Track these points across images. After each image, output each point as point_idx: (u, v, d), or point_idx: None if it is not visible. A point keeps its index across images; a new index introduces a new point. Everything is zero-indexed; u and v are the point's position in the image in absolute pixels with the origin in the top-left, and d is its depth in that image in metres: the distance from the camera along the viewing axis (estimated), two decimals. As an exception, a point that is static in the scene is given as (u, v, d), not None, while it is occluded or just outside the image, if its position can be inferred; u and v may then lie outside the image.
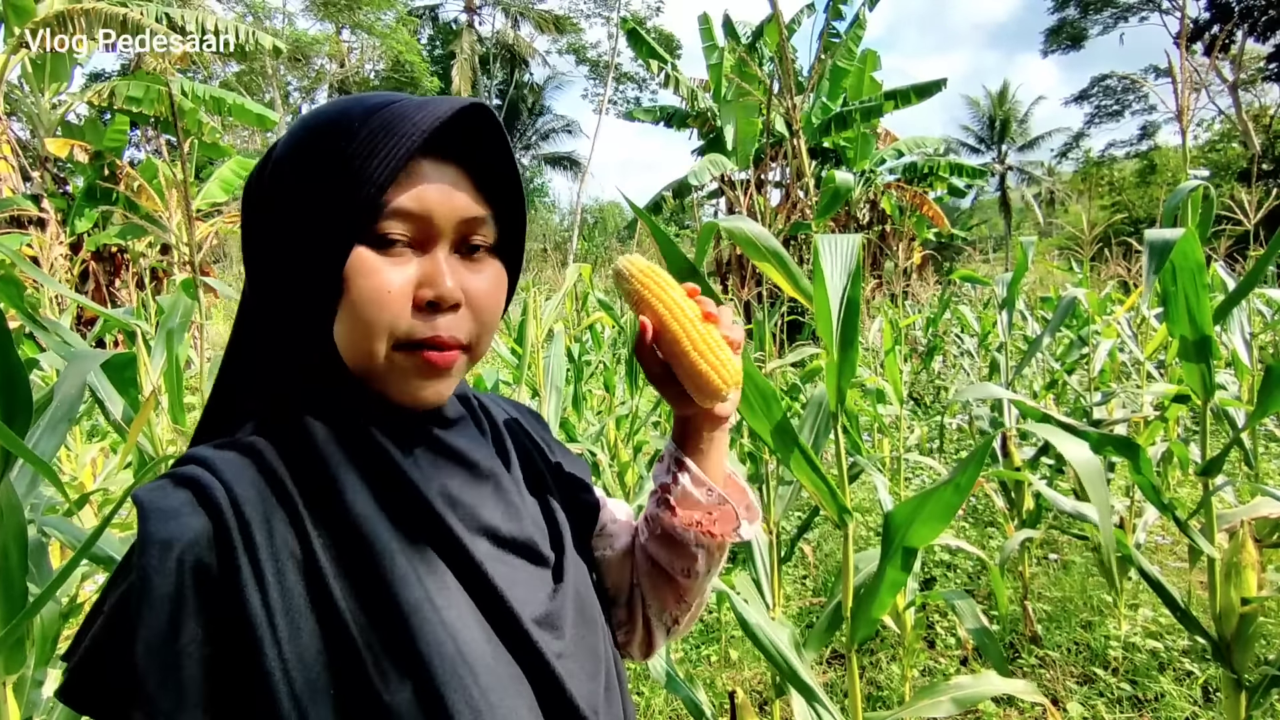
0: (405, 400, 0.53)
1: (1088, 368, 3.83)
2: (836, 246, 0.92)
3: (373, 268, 0.50)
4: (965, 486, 0.89)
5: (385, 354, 0.51)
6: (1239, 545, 1.54)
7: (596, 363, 4.16)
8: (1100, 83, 29.90)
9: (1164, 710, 2.22)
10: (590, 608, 0.63)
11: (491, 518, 0.57)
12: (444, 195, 0.52)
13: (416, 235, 0.51)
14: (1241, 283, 1.47)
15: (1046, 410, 1.51)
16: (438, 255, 0.52)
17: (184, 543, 0.44)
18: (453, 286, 0.52)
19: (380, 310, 0.50)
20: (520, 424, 0.71)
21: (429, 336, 0.51)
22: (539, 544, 0.60)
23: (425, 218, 0.51)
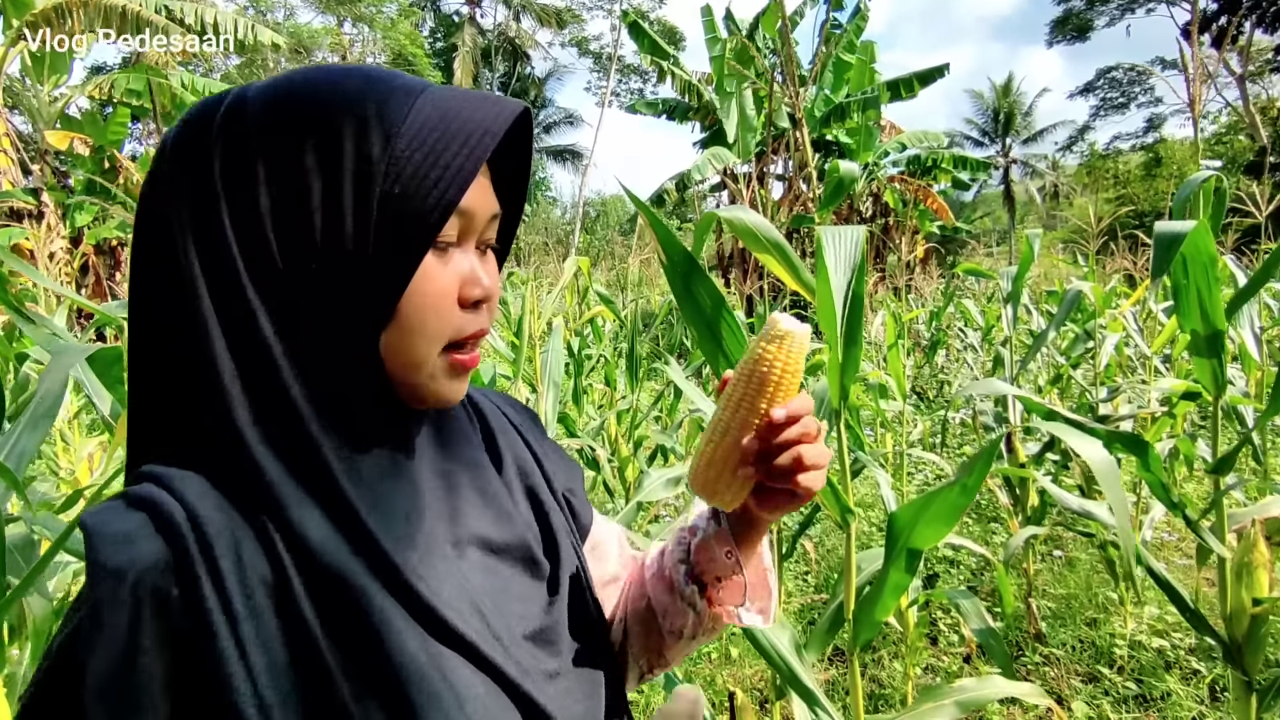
0: (436, 401, 0.51)
1: (1093, 362, 3.79)
2: (840, 239, 0.89)
3: (434, 273, 0.48)
4: (972, 488, 0.86)
5: (434, 358, 0.49)
6: (1250, 544, 1.51)
7: (597, 357, 4.13)
8: (1106, 75, 29.71)
9: (1170, 710, 2.19)
10: (589, 620, 0.60)
11: (480, 524, 0.54)
12: (484, 194, 0.52)
13: (459, 234, 0.50)
14: (1255, 276, 1.43)
15: (1052, 406, 1.48)
16: (471, 252, 0.51)
17: (139, 570, 0.40)
18: (491, 284, 0.52)
19: (439, 315, 0.48)
20: (513, 422, 0.68)
21: (474, 333, 0.51)
22: (534, 551, 0.57)
23: (470, 216, 0.50)
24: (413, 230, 0.45)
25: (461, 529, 0.52)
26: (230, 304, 0.45)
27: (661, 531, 1.83)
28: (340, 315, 0.46)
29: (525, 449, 0.65)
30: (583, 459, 3.51)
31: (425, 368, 0.49)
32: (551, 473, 0.66)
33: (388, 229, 0.45)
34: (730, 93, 12.26)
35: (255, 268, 0.45)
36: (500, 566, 0.54)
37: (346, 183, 0.45)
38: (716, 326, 1.05)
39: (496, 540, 0.54)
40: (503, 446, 0.62)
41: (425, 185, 0.45)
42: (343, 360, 0.47)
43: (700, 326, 1.06)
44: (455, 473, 0.55)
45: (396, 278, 0.46)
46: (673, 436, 3.10)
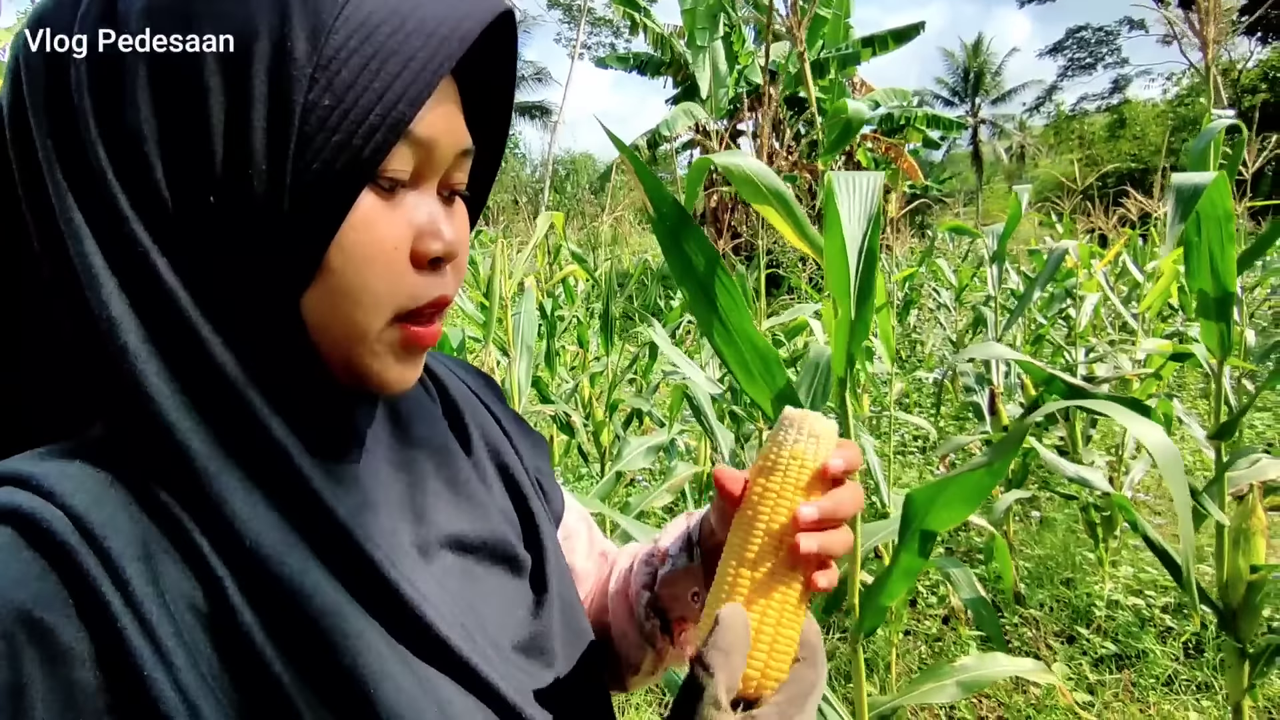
0: (380, 385, 0.40)
1: (1068, 323, 3.78)
2: (854, 186, 0.78)
3: (377, 219, 0.36)
4: (1000, 469, 0.77)
5: (381, 329, 0.38)
6: (1248, 510, 1.47)
7: (570, 318, 4.00)
8: (1075, 34, 29.72)
9: (1147, 668, 2.20)
10: (579, 618, 0.51)
11: (452, 521, 0.45)
12: (450, 120, 0.40)
13: (415, 170, 0.38)
14: (1265, 234, 1.36)
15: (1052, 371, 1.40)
16: (432, 196, 0.40)
17: (13, 609, 0.29)
18: (456, 238, 0.40)
19: (385, 275, 0.37)
20: (474, 391, 0.57)
21: (432, 301, 0.39)
22: (514, 546, 0.48)
23: (430, 148, 0.38)
24: (346, 158, 0.34)
25: (429, 529, 0.43)
26: (117, 247, 0.34)
27: (643, 501, 1.75)
28: (249, 269, 0.35)
29: (493, 423, 0.56)
30: (557, 424, 3.40)
31: (366, 342, 0.38)
32: (521, 452, 0.56)
33: (311, 155, 0.34)
34: (702, 46, 11.93)
35: (141, 203, 0.34)
36: (477, 568, 0.45)
37: (257, 90, 0.33)
38: (710, 286, 0.94)
39: (471, 537, 0.45)
40: (469, 422, 0.52)
41: (366, 98, 0.34)
42: (259, 326, 0.36)
43: (692, 286, 0.95)
44: (418, 461, 0.46)
45: (321, 222, 0.34)
46: (649, 400, 3.01)
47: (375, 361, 0.39)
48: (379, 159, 0.35)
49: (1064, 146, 30.18)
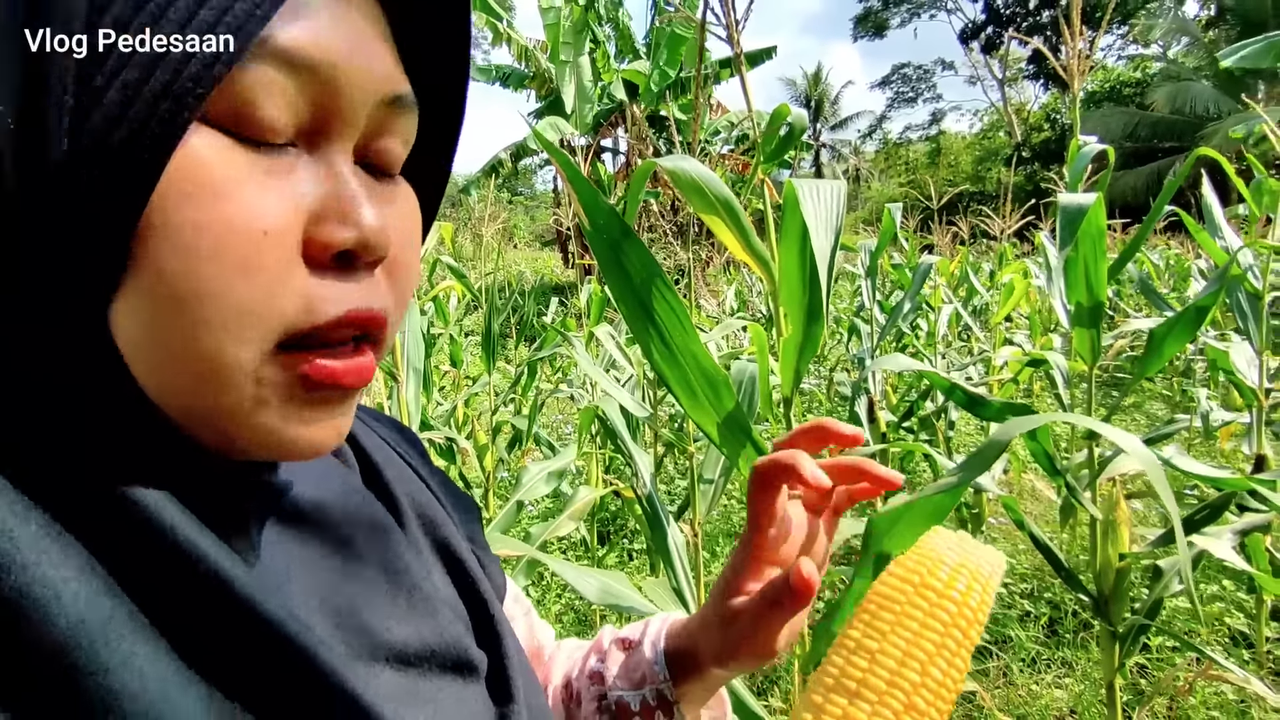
0: (280, 452, 0.27)
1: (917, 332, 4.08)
2: (819, 195, 0.74)
3: (230, 184, 0.23)
4: (961, 491, 0.76)
5: (256, 362, 0.25)
6: (1113, 504, 1.61)
7: (444, 336, 3.79)
8: (899, 70, 32.92)
9: (1015, 652, 2.37)
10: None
11: (392, 625, 0.32)
12: (363, 45, 0.26)
13: (305, 121, 0.25)
14: (1127, 248, 1.50)
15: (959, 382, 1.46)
16: (340, 162, 0.27)
17: None
18: (377, 222, 0.26)
19: (252, 272, 0.23)
20: (399, 452, 0.45)
21: (341, 316, 0.26)
22: (467, 648, 0.36)
23: (328, 83, 0.25)
24: (157, 91, 0.21)
25: (365, 638, 0.31)
26: None
27: (545, 531, 1.63)
28: (28, 270, 0.22)
29: (424, 489, 0.43)
30: (436, 450, 3.18)
31: (234, 385, 0.24)
32: (456, 519, 0.45)
33: (107, 94, 0.21)
34: (566, 61, 11.94)
35: None
36: (423, 684, 0.33)
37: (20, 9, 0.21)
38: (650, 302, 0.87)
39: (415, 645, 0.33)
40: (397, 491, 0.40)
41: None
42: (63, 367, 0.24)
43: (631, 302, 0.87)
44: (344, 546, 0.33)
45: (120, 190, 0.22)
46: (535, 420, 2.89)
47: (259, 415, 0.25)
48: (211, 81, 0.22)
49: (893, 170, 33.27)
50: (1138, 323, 1.89)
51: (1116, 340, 2.99)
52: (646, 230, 4.71)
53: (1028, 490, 3.39)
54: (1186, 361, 4.75)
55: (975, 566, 0.34)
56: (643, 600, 1.13)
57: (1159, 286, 6.10)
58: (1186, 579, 0.91)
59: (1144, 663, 2.24)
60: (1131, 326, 2.21)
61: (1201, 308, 1.41)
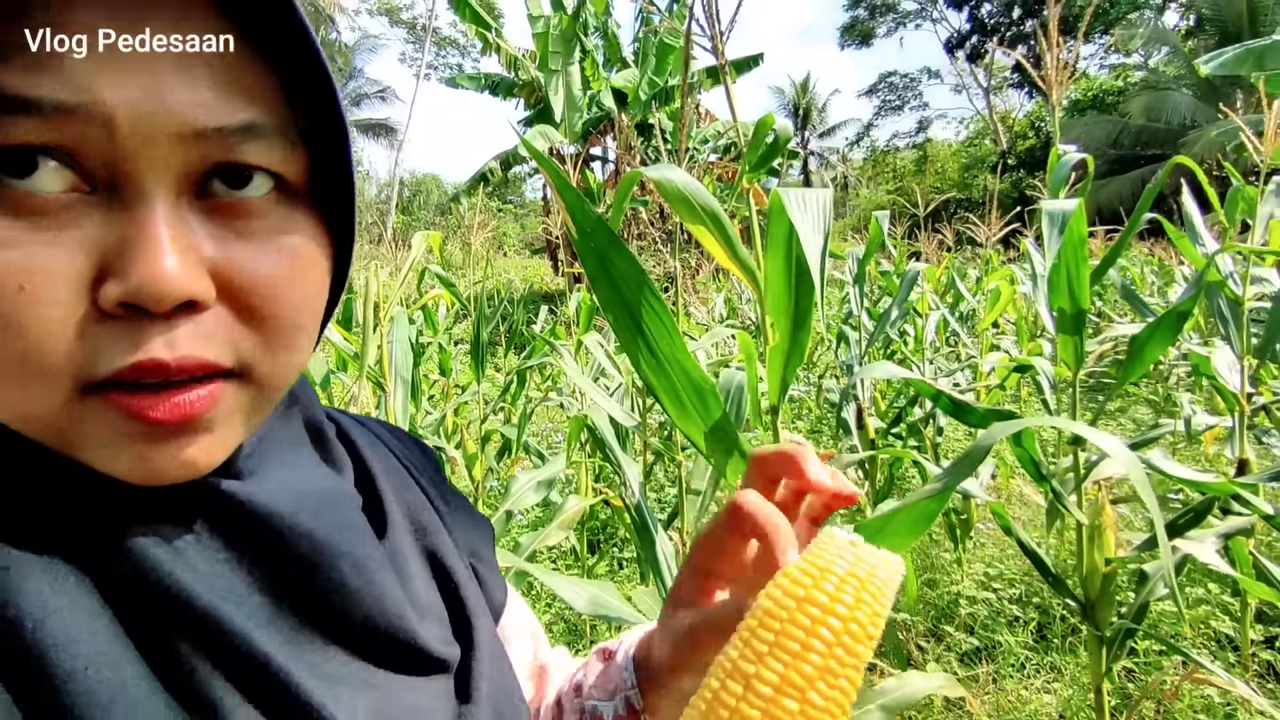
0: (126, 476, 0.28)
1: (904, 339, 4.11)
2: (807, 202, 0.75)
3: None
4: (946, 496, 0.76)
5: (62, 404, 0.26)
6: (1099, 509, 1.62)
7: (433, 344, 3.78)
8: (886, 79, 33.24)
9: (1004, 657, 2.37)
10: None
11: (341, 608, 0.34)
12: (146, 72, 0.25)
13: (89, 164, 0.25)
14: (1107, 256, 1.51)
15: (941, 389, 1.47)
16: (149, 208, 0.26)
17: None
18: (172, 270, 0.25)
19: (12, 332, 0.25)
20: (400, 459, 0.47)
21: (127, 366, 0.26)
22: (430, 642, 0.37)
23: (101, 125, 0.25)
24: None
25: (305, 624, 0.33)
26: None
27: (534, 541, 1.62)
28: None
29: (422, 497, 0.46)
30: (423, 460, 3.16)
31: (42, 420, 0.26)
32: (455, 529, 0.47)
33: None
34: (555, 70, 11.97)
35: None
36: (373, 674, 0.35)
37: None
38: (638, 311, 0.87)
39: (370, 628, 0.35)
40: (388, 500, 0.42)
41: None
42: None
43: (619, 311, 0.87)
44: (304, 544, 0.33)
45: None
46: (525, 429, 2.88)
47: (86, 447, 0.27)
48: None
49: (881, 178, 33.54)
50: (1123, 328, 1.91)
51: (1102, 346, 3.02)
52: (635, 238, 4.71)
53: (1016, 496, 3.41)
54: (1170, 367, 4.81)
55: (867, 575, 0.31)
56: (632, 611, 1.12)
57: (1145, 293, 6.17)
58: (1170, 583, 0.92)
59: (1131, 667, 2.25)
60: (1116, 332, 2.23)
61: (1181, 313, 1.42)
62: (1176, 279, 5.52)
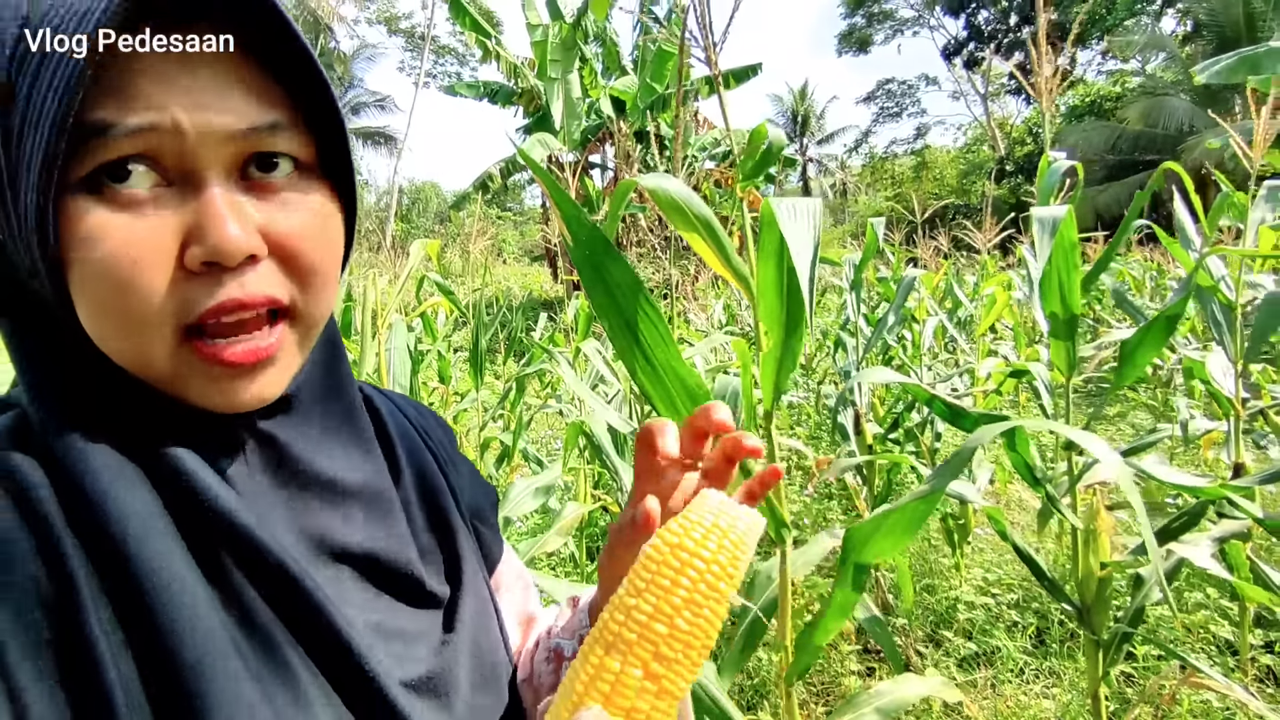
0: (216, 406, 0.38)
1: (902, 344, 4.11)
2: (797, 212, 0.76)
3: (104, 228, 0.33)
4: (936, 498, 0.77)
5: (165, 350, 0.36)
6: (1093, 513, 1.63)
7: (432, 351, 3.78)
8: (884, 86, 33.36)
9: (1003, 662, 2.38)
10: (495, 669, 0.50)
11: (355, 538, 0.44)
12: (197, 98, 0.35)
13: (167, 167, 0.35)
14: (1098, 261, 1.53)
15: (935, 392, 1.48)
16: (211, 192, 0.36)
17: None
18: (236, 232, 0.35)
19: (134, 291, 0.34)
20: (419, 429, 0.57)
21: (212, 307, 0.36)
22: (426, 578, 0.47)
23: (172, 136, 0.34)
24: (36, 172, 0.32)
25: (324, 545, 0.42)
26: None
27: (533, 546, 1.63)
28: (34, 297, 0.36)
29: (431, 460, 0.55)
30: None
31: (154, 363, 0.36)
32: (460, 490, 0.56)
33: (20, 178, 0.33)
34: (554, 79, 12.02)
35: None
36: (379, 596, 0.44)
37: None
38: (634, 319, 0.88)
39: (379, 556, 0.44)
40: (401, 455, 0.52)
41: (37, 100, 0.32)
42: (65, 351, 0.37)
43: (614, 319, 0.88)
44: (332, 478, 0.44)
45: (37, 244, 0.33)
46: (524, 436, 2.89)
47: (185, 385, 0.37)
48: (55, 163, 0.32)
49: (879, 184, 33.63)
50: (1119, 333, 1.92)
51: (1100, 351, 3.03)
52: (634, 245, 4.74)
53: (1015, 501, 3.41)
54: (1171, 372, 4.81)
55: (729, 526, 0.38)
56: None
57: (1143, 298, 6.17)
58: (1161, 586, 0.93)
59: (1131, 672, 2.25)
60: (1113, 337, 2.24)
61: (1171, 316, 1.43)
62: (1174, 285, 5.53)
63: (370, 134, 27.16)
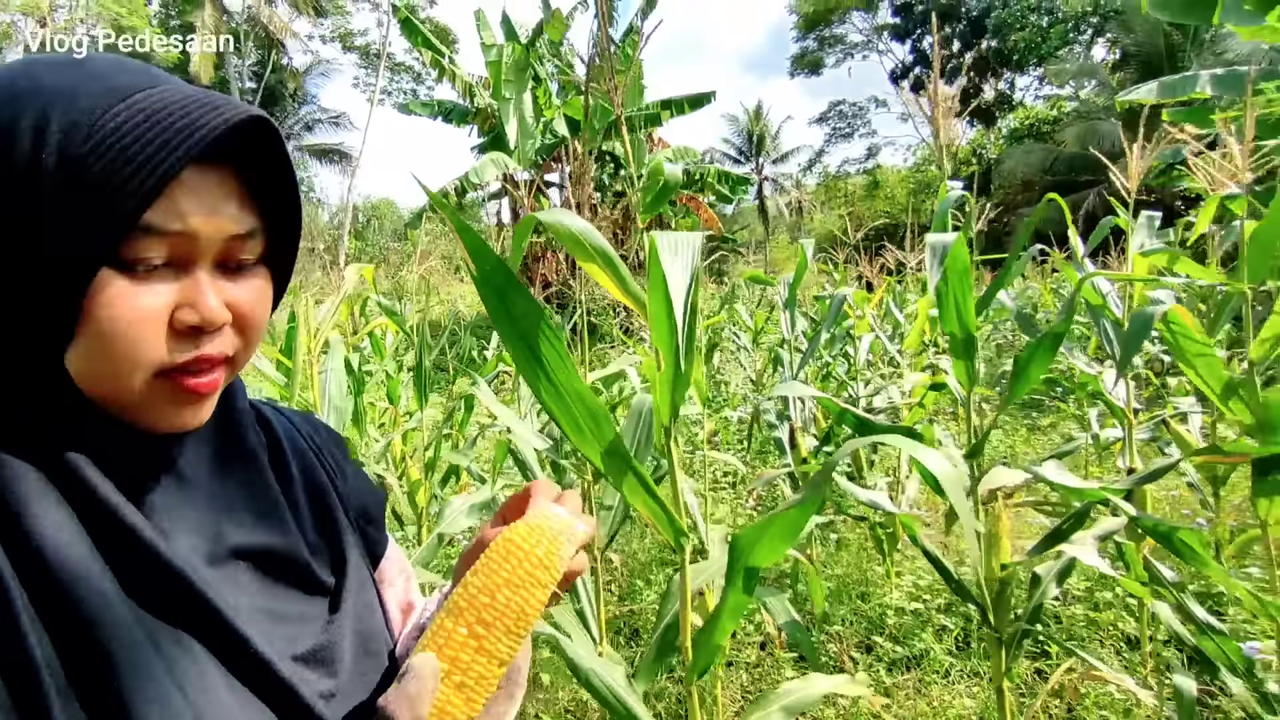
0: (161, 426, 0.48)
1: (848, 360, 4.26)
2: (678, 245, 0.84)
3: (121, 296, 0.44)
4: (811, 506, 0.85)
5: (141, 385, 0.46)
6: (995, 517, 1.74)
7: (379, 372, 3.78)
8: (835, 107, 34.28)
9: (930, 665, 2.48)
10: (375, 641, 0.59)
11: (251, 538, 0.52)
12: (210, 212, 0.47)
13: (174, 255, 0.46)
14: (993, 283, 1.65)
15: (846, 406, 1.58)
16: (200, 275, 0.47)
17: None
18: (217, 307, 0.47)
19: (134, 344, 0.44)
20: (308, 440, 0.65)
21: (190, 359, 0.47)
22: (314, 566, 0.56)
23: (187, 237, 0.46)
24: (80, 247, 0.42)
25: (223, 545, 0.50)
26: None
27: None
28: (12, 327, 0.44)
29: (319, 468, 0.63)
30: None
31: (128, 394, 0.46)
32: (347, 494, 0.65)
33: (56, 242, 0.42)
34: (509, 98, 12.09)
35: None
36: (273, 586, 0.53)
37: (8, 186, 0.42)
38: (536, 344, 0.95)
39: (276, 550, 0.53)
40: (292, 464, 0.61)
41: (99, 200, 0.42)
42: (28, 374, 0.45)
43: (519, 344, 0.95)
44: (227, 490, 0.53)
45: (62, 299, 0.43)
46: (468, 455, 2.91)
47: (149, 410, 0.47)
48: (107, 249, 0.42)
49: (834, 203, 34.48)
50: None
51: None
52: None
53: (945, 508, 3.55)
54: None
55: (546, 528, 0.52)
56: (549, 627, 1.19)
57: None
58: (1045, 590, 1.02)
59: (1044, 668, 2.38)
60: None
61: (1057, 334, 1.56)
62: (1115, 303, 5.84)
63: (324, 151, 26.79)
